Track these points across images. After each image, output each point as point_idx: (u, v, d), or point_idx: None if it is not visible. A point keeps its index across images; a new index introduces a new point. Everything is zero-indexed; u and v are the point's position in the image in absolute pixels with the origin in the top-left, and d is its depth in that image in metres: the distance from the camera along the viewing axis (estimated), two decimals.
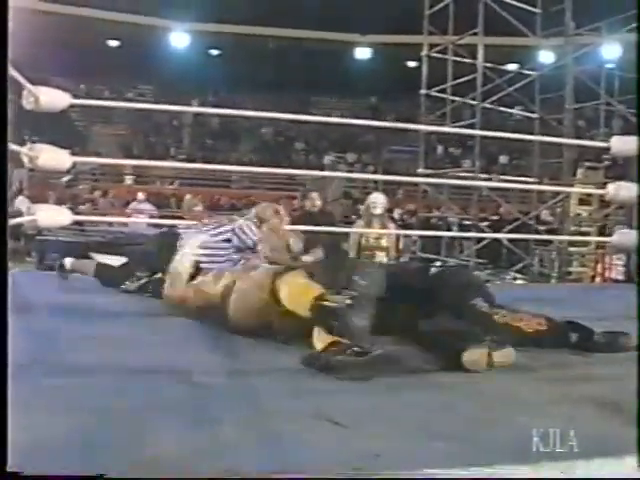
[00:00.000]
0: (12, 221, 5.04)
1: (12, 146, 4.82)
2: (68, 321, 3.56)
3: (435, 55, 10.73)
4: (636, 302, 3.21)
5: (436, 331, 3.12)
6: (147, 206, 13.69)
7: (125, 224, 11.73)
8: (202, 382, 2.56)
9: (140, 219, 11.55)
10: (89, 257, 8.92)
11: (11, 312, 1.81)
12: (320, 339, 2.94)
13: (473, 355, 2.83)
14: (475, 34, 9.82)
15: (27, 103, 4.88)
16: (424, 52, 10.79)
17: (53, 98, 4.96)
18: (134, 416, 2.15)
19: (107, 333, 3.36)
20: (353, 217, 11.13)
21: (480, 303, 3.41)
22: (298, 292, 3.14)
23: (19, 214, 5.20)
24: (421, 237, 11.34)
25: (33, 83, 4.96)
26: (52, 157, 4.96)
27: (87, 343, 3.13)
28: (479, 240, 10.04)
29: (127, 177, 20.39)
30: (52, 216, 5.05)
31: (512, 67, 12.59)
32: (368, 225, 7.00)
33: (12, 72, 4.18)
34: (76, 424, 2.03)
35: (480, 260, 10.48)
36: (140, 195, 14.04)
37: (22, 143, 5.22)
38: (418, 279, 3.71)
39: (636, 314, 3.09)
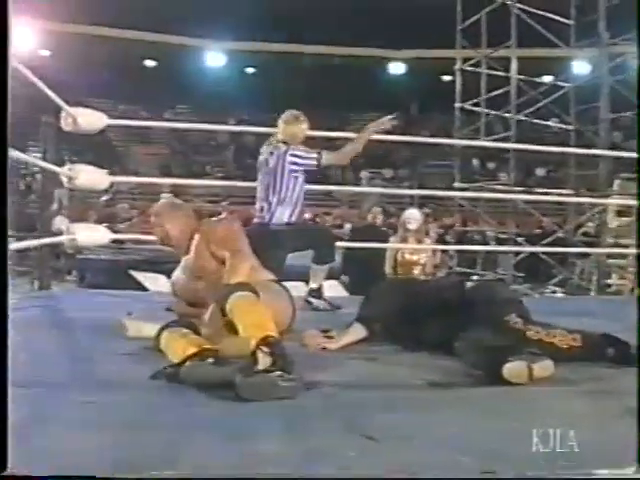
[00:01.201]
0: (52, 240, 5.19)
1: (52, 167, 4.97)
2: None
3: (469, 69, 10.72)
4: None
5: (473, 345, 3.11)
6: None
7: None
8: None
9: None
10: (129, 275, 9.10)
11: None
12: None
13: (514, 368, 2.81)
14: (508, 47, 9.80)
15: (65, 125, 5.04)
16: (457, 66, 10.79)
17: (90, 119, 5.12)
18: None
19: None
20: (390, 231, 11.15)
21: (514, 319, 3.40)
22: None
23: (59, 233, 5.35)
24: (458, 252, 11.31)
25: (73, 105, 5.10)
26: (90, 177, 5.12)
27: None
28: (517, 254, 9.99)
29: (165, 196, 20.62)
30: (91, 235, 5.19)
31: (546, 79, 12.57)
32: (403, 240, 7.02)
33: (50, 94, 4.32)
34: None
35: (518, 274, 10.43)
36: None
37: (62, 164, 5.37)
38: (453, 293, 3.71)
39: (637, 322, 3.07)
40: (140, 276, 9.16)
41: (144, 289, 8.63)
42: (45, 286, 5.27)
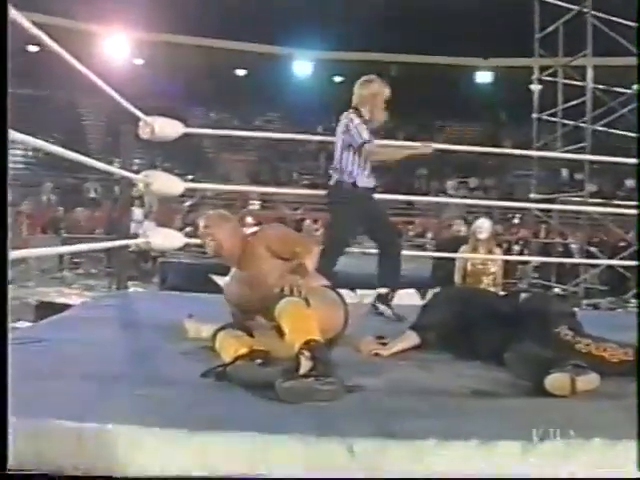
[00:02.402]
0: (126, 242, 5.43)
1: (128, 174, 5.22)
2: None
3: (546, 78, 10.59)
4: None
5: (521, 356, 3.12)
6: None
7: None
8: None
9: None
10: (210, 279, 9.32)
11: None
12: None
13: (556, 380, 2.82)
14: (584, 56, 9.64)
15: (143, 133, 5.27)
16: (535, 75, 10.66)
17: (167, 128, 5.34)
18: None
19: None
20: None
21: (565, 331, 3.40)
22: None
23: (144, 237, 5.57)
24: (540, 263, 11.15)
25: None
26: (165, 183, 5.35)
27: None
28: (597, 266, 9.80)
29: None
30: (165, 239, 5.41)
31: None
32: (474, 250, 7.02)
33: (126, 104, 4.55)
34: None
35: (600, 287, 10.23)
36: (249, 219, 14.49)
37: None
38: (506, 304, 3.74)
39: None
40: (220, 280, 9.36)
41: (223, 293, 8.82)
42: (122, 286, 5.49)
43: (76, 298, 9.07)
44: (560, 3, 10.10)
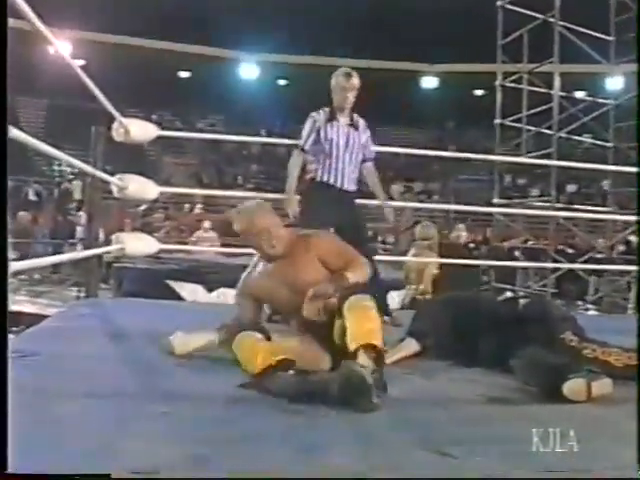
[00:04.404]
0: (102, 250, 5.25)
1: (104, 176, 5.04)
2: None
3: (509, 84, 10.72)
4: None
5: (531, 363, 3.10)
6: (212, 234, 13.89)
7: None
8: None
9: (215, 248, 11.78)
10: (167, 285, 9.13)
11: None
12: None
13: (574, 386, 2.82)
14: (551, 62, 9.80)
15: (117, 135, 5.10)
16: (498, 81, 10.78)
17: (142, 130, 5.18)
18: None
19: None
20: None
21: (570, 336, 3.40)
22: None
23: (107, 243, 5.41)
24: (494, 267, 11.24)
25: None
26: (140, 187, 5.18)
27: None
28: (554, 271, 9.93)
29: (197, 206, 20.72)
30: (139, 245, 5.25)
31: (581, 94, 12.53)
32: (418, 255, 7.13)
33: (107, 105, 4.39)
34: None
35: (552, 290, 10.36)
36: (206, 224, 14.26)
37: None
38: (506, 310, 3.72)
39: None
40: (177, 286, 9.19)
41: (180, 299, 8.67)
42: (92, 294, 5.32)
43: (29, 305, 8.81)
44: (524, 11, 10.23)
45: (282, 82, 27.00)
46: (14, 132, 2.25)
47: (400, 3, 21.33)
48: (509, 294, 10.40)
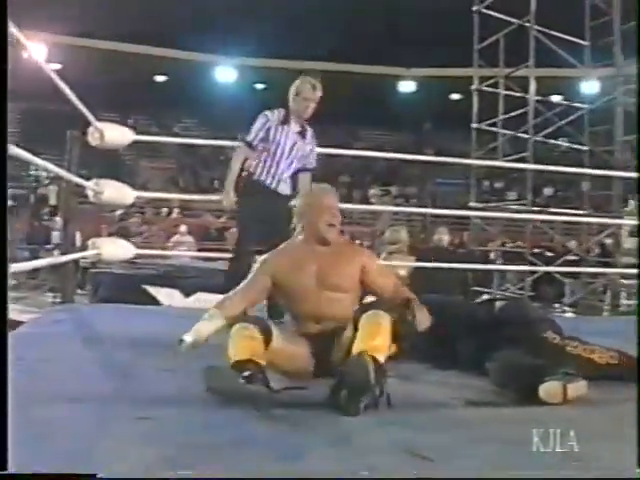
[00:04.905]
0: (79, 255, 5.21)
1: (80, 180, 5.00)
2: None
3: (485, 88, 10.78)
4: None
5: (508, 365, 3.12)
6: (189, 239, 13.86)
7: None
8: None
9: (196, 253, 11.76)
10: (143, 290, 9.09)
11: None
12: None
13: (550, 388, 2.85)
14: (526, 67, 9.87)
15: (92, 139, 5.07)
16: (474, 85, 10.84)
17: (117, 135, 5.16)
18: None
19: None
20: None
21: (552, 335, 3.44)
22: None
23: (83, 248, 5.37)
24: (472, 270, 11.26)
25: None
26: (116, 192, 5.15)
27: None
28: (531, 273, 9.99)
29: (174, 210, 20.63)
30: (116, 250, 5.21)
31: (557, 98, 12.63)
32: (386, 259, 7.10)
33: (81, 108, 4.36)
34: None
35: (529, 293, 10.40)
36: (182, 228, 14.22)
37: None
38: (482, 312, 3.74)
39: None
40: (153, 291, 9.16)
41: (157, 303, 8.65)
42: (68, 300, 5.29)
43: None
44: (500, 16, 10.29)
45: (260, 86, 26.91)
46: None
47: (378, 8, 21.32)
48: (486, 297, 10.49)
